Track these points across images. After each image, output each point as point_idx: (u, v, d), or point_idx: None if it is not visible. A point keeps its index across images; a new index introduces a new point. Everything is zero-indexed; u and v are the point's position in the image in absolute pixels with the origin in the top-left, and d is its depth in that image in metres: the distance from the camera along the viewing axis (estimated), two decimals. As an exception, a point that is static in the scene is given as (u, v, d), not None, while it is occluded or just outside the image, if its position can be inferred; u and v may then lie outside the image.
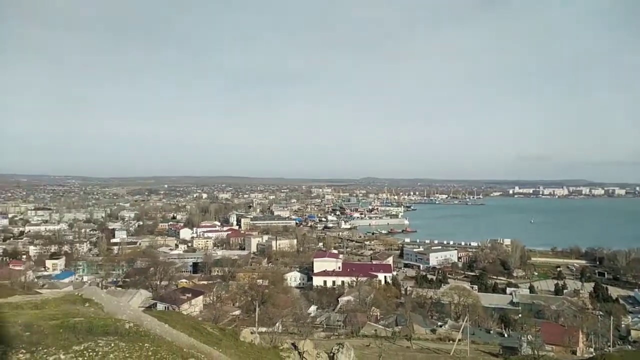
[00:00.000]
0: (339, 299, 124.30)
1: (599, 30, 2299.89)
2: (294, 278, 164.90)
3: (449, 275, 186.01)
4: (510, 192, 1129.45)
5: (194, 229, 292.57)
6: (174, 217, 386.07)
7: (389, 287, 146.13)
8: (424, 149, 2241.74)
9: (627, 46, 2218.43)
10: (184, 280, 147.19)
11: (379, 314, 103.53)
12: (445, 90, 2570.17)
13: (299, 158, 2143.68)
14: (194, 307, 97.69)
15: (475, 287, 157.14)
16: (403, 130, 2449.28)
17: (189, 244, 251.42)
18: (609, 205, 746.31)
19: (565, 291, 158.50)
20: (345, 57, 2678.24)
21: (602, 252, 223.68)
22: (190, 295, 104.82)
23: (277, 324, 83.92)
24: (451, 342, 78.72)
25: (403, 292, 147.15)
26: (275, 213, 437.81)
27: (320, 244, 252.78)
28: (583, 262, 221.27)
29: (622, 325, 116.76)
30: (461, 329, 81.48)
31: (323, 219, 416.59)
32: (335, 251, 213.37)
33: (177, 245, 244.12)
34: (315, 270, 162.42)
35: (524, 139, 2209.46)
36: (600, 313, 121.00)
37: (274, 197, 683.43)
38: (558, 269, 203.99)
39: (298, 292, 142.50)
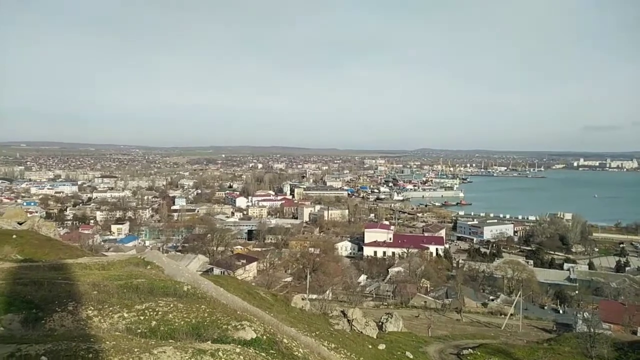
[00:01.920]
0: (389, 269, 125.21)
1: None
2: (344, 247, 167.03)
3: (504, 249, 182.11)
4: (575, 164, 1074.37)
5: (249, 197, 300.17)
6: (230, 186, 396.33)
7: (440, 259, 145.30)
8: (482, 119, 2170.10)
9: None
10: (239, 247, 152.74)
11: (429, 285, 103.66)
12: (506, 58, 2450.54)
13: (352, 129, 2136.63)
14: (248, 272, 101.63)
15: (531, 262, 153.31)
16: (462, 100, 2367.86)
17: (245, 212, 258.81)
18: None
19: (627, 269, 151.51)
20: (402, 26, 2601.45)
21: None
22: (244, 261, 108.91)
23: (327, 292, 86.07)
24: (503, 316, 78.17)
25: (455, 264, 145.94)
26: (328, 184, 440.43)
27: (372, 215, 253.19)
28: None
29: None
30: (514, 303, 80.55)
31: (375, 190, 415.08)
32: (387, 222, 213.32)
33: (233, 213, 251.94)
34: (366, 241, 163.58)
35: (591, 108, 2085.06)
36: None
37: (327, 167, 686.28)
38: (621, 246, 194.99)
39: (348, 261, 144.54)
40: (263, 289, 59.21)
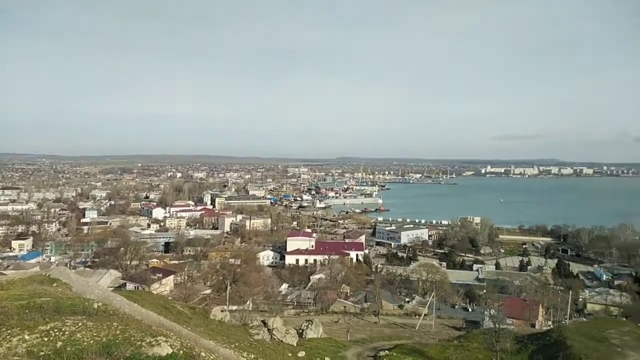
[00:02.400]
0: (310, 277, 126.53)
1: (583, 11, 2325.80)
2: (266, 257, 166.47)
3: (419, 253, 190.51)
4: (483, 171, 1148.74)
5: (167, 208, 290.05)
6: (146, 197, 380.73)
7: (360, 264, 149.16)
8: (400, 128, 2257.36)
9: (602, 30, 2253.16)
10: (155, 260, 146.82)
11: (349, 291, 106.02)
12: (423, 68, 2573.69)
13: (276, 137, 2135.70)
14: (165, 286, 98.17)
15: (444, 264, 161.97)
16: (380, 109, 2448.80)
17: (162, 224, 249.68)
18: (577, 185, 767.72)
19: (529, 267, 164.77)
20: (325, 35, 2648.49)
21: (567, 229, 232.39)
22: (160, 275, 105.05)
23: (248, 302, 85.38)
24: (417, 317, 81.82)
25: (374, 269, 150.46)
26: (251, 192, 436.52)
27: (295, 223, 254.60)
28: (548, 239, 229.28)
29: (580, 299, 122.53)
30: (427, 304, 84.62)
31: (298, 199, 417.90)
32: (309, 230, 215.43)
33: (149, 225, 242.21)
34: (289, 249, 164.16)
35: (498, 119, 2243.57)
36: (561, 288, 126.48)
37: (249, 176, 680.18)
38: (524, 246, 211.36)
39: (270, 270, 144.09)
40: (180, 302, 57.74)
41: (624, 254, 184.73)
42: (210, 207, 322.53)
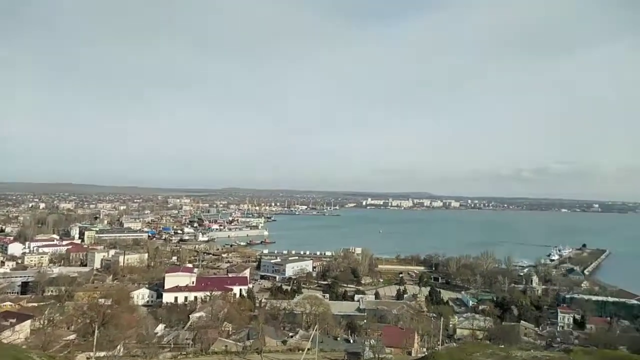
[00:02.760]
0: (190, 315, 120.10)
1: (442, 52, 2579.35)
2: (142, 295, 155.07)
3: (304, 285, 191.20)
4: (364, 203, 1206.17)
5: (27, 243, 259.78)
6: (2, 230, 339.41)
7: (243, 300, 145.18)
8: (286, 159, 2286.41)
9: (476, 66, 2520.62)
10: (8, 303, 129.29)
11: (231, 328, 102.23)
12: (310, 102, 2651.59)
13: (155, 166, 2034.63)
14: (18, 333, 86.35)
15: (327, 295, 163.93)
16: (267, 140, 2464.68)
17: (19, 261, 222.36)
18: (446, 216, 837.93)
19: (405, 296, 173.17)
20: (208, 62, 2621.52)
21: (438, 258, 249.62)
22: (14, 320, 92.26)
23: (118, 347, 78.10)
24: (300, 351, 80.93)
25: (258, 304, 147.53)
26: (126, 225, 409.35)
27: (175, 258, 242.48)
28: (421, 268, 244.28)
29: (450, 325, 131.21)
30: (310, 338, 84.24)
31: (179, 232, 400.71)
32: (190, 265, 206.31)
33: (3, 263, 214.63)
34: (167, 286, 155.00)
35: (378, 153, 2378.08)
36: (433, 315, 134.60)
37: (124, 207, 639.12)
38: (400, 275, 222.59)
39: (145, 310, 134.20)
40: (38, 351, 50.99)
41: (486, 281, 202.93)
42: (79, 241, 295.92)
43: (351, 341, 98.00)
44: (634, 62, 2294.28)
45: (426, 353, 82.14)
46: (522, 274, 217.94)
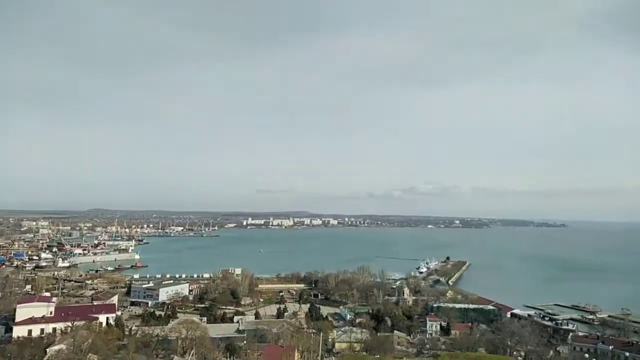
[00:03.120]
0: (47, 349, 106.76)
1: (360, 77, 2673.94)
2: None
3: (179, 310, 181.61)
4: (244, 223, 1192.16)
5: None
6: None
7: (111, 329, 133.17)
8: (160, 179, 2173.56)
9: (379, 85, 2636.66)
10: None
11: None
12: (186, 120, 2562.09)
13: (5, 185, 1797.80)
14: None
15: (205, 318, 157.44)
16: (138, 158, 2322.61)
17: None
18: (325, 234, 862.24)
19: (286, 314, 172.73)
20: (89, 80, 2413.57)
21: (317, 275, 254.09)
22: None
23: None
24: (174, 379, 75.84)
25: (128, 332, 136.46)
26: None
27: (28, 287, 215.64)
28: (302, 285, 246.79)
29: (330, 339, 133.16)
30: (186, 364, 79.49)
31: (35, 257, 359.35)
32: (48, 294, 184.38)
33: None
34: (18, 319, 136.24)
35: (258, 173, 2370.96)
36: (313, 330, 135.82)
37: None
38: (280, 294, 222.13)
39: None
40: None
41: (362, 294, 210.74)
42: None
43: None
44: (489, 97, 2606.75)
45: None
46: (394, 286, 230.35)
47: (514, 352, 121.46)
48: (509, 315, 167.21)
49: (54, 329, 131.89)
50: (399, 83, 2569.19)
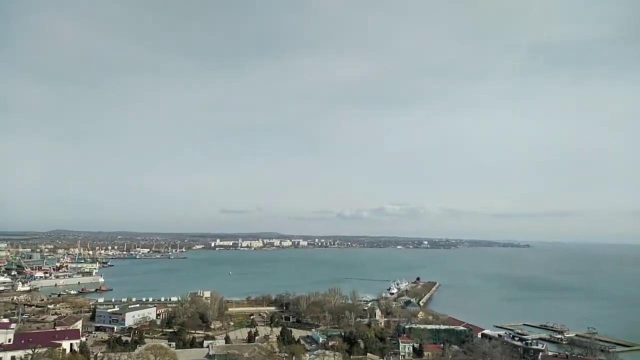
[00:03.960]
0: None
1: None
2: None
3: (146, 335, 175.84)
4: (212, 244, 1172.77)
5: None
6: None
7: (75, 355, 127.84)
8: (124, 199, 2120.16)
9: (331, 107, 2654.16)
10: None
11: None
12: (148, 139, 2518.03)
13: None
14: None
15: (173, 344, 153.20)
16: (100, 179, 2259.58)
17: None
18: (295, 255, 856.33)
19: (257, 338, 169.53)
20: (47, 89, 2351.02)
21: (288, 297, 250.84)
22: None
23: None
24: (144, 409, 73.03)
25: (93, 359, 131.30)
26: None
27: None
28: (273, 308, 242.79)
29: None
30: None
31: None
32: (6, 320, 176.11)
33: None
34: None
35: (227, 195, 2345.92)
36: (285, 354, 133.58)
37: None
38: (252, 317, 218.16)
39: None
40: None
41: (334, 317, 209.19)
42: None
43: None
44: (446, 121, 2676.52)
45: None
46: (366, 308, 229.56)
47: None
48: (479, 335, 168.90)
49: (13, 357, 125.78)
50: (365, 104, 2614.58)
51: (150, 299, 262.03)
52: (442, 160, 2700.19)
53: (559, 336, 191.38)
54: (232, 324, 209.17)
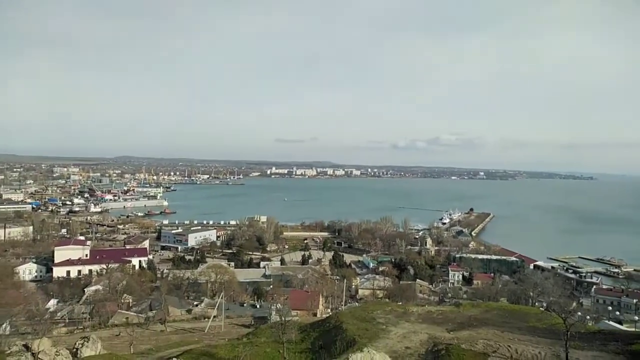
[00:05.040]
0: (85, 289, 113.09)
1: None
2: (28, 271, 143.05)
3: (207, 255, 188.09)
4: (268, 172, 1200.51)
5: None
6: None
7: (143, 271, 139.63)
8: (185, 127, 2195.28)
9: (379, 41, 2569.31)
10: None
11: (131, 300, 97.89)
12: (210, 68, 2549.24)
13: (36, 132, 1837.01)
14: None
15: (232, 263, 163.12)
16: (164, 107, 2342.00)
17: None
18: (348, 184, 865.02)
19: (310, 261, 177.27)
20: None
21: (341, 224, 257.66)
22: None
23: (4, 326, 71.40)
24: (207, 319, 79.81)
25: (159, 275, 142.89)
26: (5, 196, 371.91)
27: (64, 231, 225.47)
28: (326, 234, 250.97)
29: (353, 286, 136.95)
30: (216, 306, 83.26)
31: (68, 203, 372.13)
32: (82, 238, 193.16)
33: None
34: (57, 260, 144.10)
35: (282, 123, 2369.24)
36: (337, 277, 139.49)
37: (2, 177, 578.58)
38: (305, 242, 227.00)
39: (34, 286, 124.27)
40: None
41: (385, 244, 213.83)
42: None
43: (258, 306, 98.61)
44: (510, 47, 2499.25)
45: (330, 313, 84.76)
46: (417, 236, 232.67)
47: (536, 303, 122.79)
48: (531, 267, 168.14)
49: (90, 271, 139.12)
50: (422, 33, 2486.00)
51: (211, 222, 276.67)
52: (503, 89, 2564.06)
53: (616, 270, 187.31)
54: (286, 247, 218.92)
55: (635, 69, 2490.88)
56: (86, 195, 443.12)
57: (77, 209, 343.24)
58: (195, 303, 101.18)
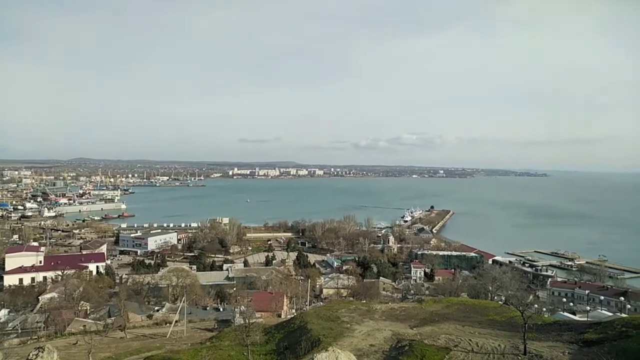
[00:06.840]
0: (39, 297, 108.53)
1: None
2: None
3: (168, 258, 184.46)
4: (230, 173, 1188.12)
5: None
6: None
7: (101, 277, 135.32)
8: (143, 129, 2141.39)
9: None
10: None
11: (89, 307, 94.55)
12: (167, 67, 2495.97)
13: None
14: None
15: (194, 266, 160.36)
16: (120, 107, 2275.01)
17: None
18: (311, 184, 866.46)
19: (274, 262, 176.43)
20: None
21: (304, 224, 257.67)
22: None
23: (-52, 339, 67.62)
24: (168, 324, 78.09)
25: (118, 280, 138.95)
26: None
27: (16, 237, 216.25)
28: (289, 234, 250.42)
29: (317, 286, 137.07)
30: (178, 310, 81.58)
31: (20, 207, 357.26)
32: (36, 243, 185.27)
33: None
34: (8, 268, 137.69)
35: (245, 124, 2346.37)
36: (301, 277, 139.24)
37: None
38: (269, 242, 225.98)
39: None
40: None
41: (349, 242, 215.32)
42: None
43: (221, 310, 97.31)
44: (468, 47, 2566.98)
45: (295, 314, 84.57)
46: (380, 234, 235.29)
47: (495, 297, 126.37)
48: (490, 261, 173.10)
49: (45, 278, 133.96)
50: (381, 29, 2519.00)
51: (171, 225, 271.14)
52: (461, 89, 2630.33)
53: (570, 263, 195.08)
54: (250, 248, 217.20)
55: (586, 66, 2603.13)
56: (39, 199, 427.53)
57: (29, 213, 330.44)
58: (157, 308, 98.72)
